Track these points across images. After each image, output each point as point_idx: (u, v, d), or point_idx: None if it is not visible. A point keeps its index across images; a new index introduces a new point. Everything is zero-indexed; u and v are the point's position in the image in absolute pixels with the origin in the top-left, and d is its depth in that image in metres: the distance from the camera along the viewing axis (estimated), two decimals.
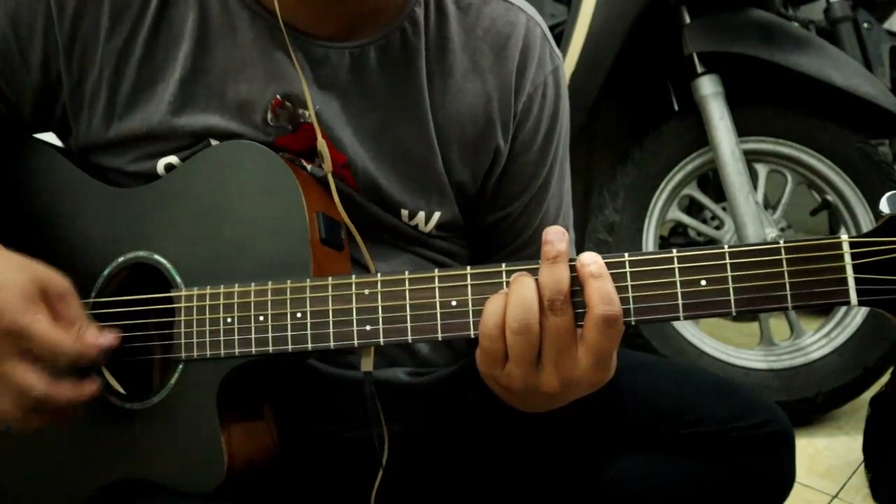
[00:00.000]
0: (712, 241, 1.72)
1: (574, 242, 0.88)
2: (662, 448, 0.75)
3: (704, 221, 1.79)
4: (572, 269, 0.55)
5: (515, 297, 0.54)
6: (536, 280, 0.55)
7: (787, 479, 0.76)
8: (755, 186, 1.63)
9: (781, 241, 0.54)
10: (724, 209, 1.69)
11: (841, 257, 0.52)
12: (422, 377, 0.79)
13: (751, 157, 1.65)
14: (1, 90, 0.72)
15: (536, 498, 0.82)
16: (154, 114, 0.70)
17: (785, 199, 1.67)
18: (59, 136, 0.77)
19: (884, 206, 0.53)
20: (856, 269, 0.52)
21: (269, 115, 0.70)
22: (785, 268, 0.53)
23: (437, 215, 0.76)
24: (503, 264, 0.58)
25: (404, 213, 0.75)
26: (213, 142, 0.70)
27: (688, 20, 1.61)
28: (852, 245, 0.52)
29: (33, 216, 0.73)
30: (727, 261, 0.54)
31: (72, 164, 0.73)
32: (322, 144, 0.69)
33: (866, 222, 1.62)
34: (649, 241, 1.69)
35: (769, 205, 1.69)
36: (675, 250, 0.55)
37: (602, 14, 1.57)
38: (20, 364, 0.58)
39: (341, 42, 0.70)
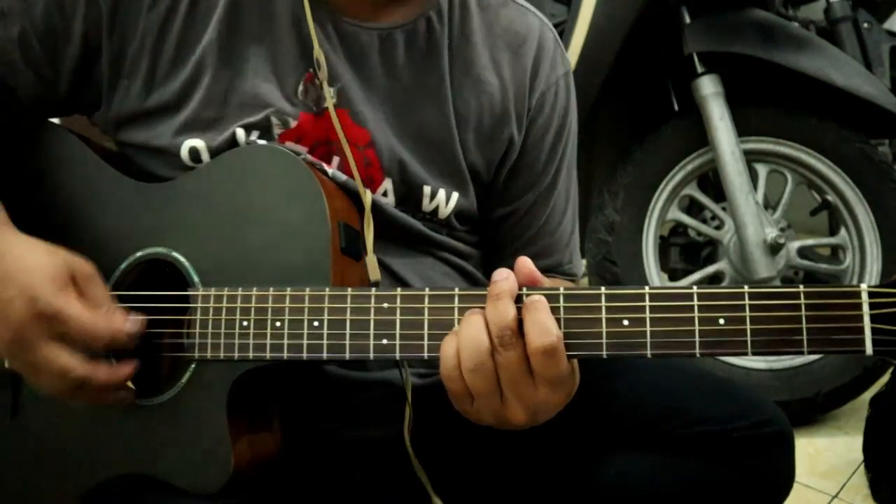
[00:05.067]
0: (712, 241, 1.72)
1: (577, 249, 0.90)
2: (662, 448, 0.75)
3: (704, 221, 1.79)
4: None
5: (466, 338, 0.56)
6: (485, 317, 0.56)
7: (787, 478, 0.76)
8: (755, 186, 1.63)
9: (801, 286, 0.54)
10: (724, 209, 1.69)
11: (859, 306, 0.52)
12: (426, 378, 0.80)
13: (751, 157, 1.65)
14: (41, 65, 0.72)
15: (536, 498, 0.82)
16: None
17: (785, 199, 1.67)
18: (87, 113, 0.78)
19: None
20: (872, 318, 0.52)
21: (300, 88, 0.73)
22: (803, 312, 0.53)
23: (455, 197, 0.78)
24: (524, 288, 0.58)
25: (427, 189, 0.76)
26: (240, 134, 0.71)
27: (688, 20, 1.61)
28: (870, 294, 0.52)
29: (54, 205, 0.74)
30: (746, 301, 0.54)
31: (97, 156, 0.74)
32: (319, 53, 0.71)
33: (866, 222, 1.62)
34: (649, 241, 1.69)
35: (769, 205, 1.68)
36: (695, 287, 0.55)
37: (602, 14, 1.58)
38: (57, 347, 0.60)
39: (369, 23, 0.73)
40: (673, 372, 0.79)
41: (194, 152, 0.72)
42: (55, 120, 0.78)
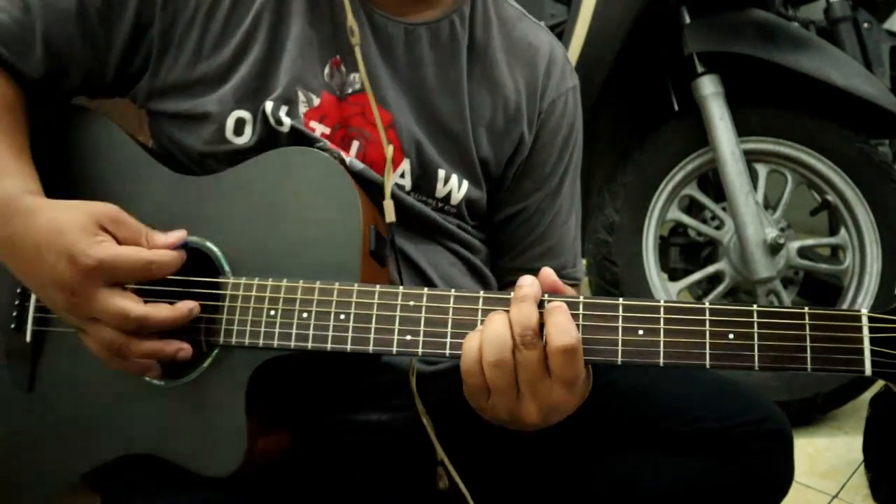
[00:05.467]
0: (712, 241, 1.72)
1: (578, 253, 0.95)
2: (662, 446, 0.75)
3: (704, 221, 1.79)
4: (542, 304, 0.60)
5: (489, 334, 0.59)
6: (509, 317, 0.59)
7: (785, 475, 0.77)
8: (755, 186, 1.63)
9: (806, 308, 0.57)
10: (724, 209, 1.69)
11: (860, 329, 0.56)
12: (433, 365, 0.81)
13: (751, 157, 1.65)
14: (96, 37, 0.75)
15: (537, 496, 0.82)
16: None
17: (785, 199, 1.67)
18: (124, 93, 0.80)
19: None
20: (872, 342, 0.56)
21: (327, 71, 0.77)
22: (807, 332, 0.57)
23: (466, 185, 0.82)
24: (546, 294, 0.61)
25: (441, 173, 0.81)
26: (268, 107, 0.74)
27: (688, 20, 1.61)
28: (870, 319, 0.56)
29: (93, 189, 0.75)
30: (755, 319, 0.58)
31: (139, 146, 0.76)
32: (352, 22, 0.75)
33: (866, 222, 1.62)
34: (649, 241, 1.69)
35: (769, 205, 1.68)
36: (707, 302, 0.59)
37: (602, 14, 1.58)
38: (112, 293, 0.62)
39: (397, 17, 0.79)
40: (672, 371, 0.80)
41: (240, 123, 0.75)
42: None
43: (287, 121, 0.74)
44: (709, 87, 1.58)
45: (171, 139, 0.78)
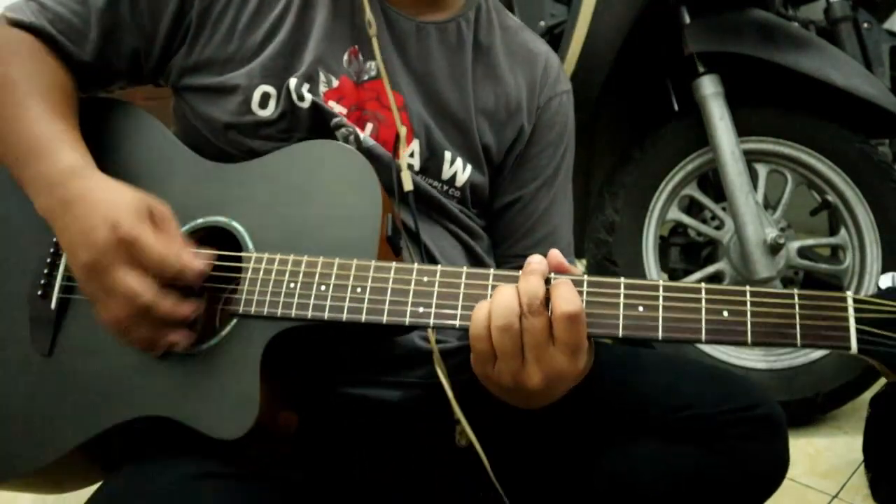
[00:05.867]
0: (712, 241, 1.72)
1: (572, 244, 1.00)
2: (656, 435, 0.76)
3: (704, 221, 1.79)
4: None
5: (498, 301, 0.62)
6: (517, 289, 0.62)
7: (779, 461, 0.78)
8: (755, 186, 1.63)
9: (795, 290, 0.61)
10: (724, 209, 1.69)
11: (845, 309, 0.60)
12: (441, 345, 0.83)
13: (751, 157, 1.65)
14: (144, 20, 0.81)
15: (534, 489, 0.82)
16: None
17: (785, 199, 1.67)
18: (161, 71, 0.86)
19: (884, 283, 0.63)
20: (857, 321, 0.60)
21: (345, 57, 0.84)
22: (797, 310, 0.61)
23: (469, 169, 0.89)
24: (552, 273, 0.64)
25: (447, 155, 0.87)
26: (292, 83, 0.80)
27: (688, 20, 1.61)
28: (855, 301, 0.60)
29: (129, 173, 0.78)
30: (748, 297, 0.62)
31: (171, 134, 0.82)
32: (370, 16, 0.83)
33: (866, 222, 1.62)
34: (649, 241, 1.69)
35: (769, 205, 1.69)
36: (703, 283, 0.63)
37: (602, 14, 1.58)
38: (131, 271, 0.65)
39: (409, 15, 0.87)
40: (663, 361, 0.82)
41: (265, 97, 0.81)
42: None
43: (309, 97, 0.80)
44: (709, 87, 1.58)
45: (196, 113, 0.82)
